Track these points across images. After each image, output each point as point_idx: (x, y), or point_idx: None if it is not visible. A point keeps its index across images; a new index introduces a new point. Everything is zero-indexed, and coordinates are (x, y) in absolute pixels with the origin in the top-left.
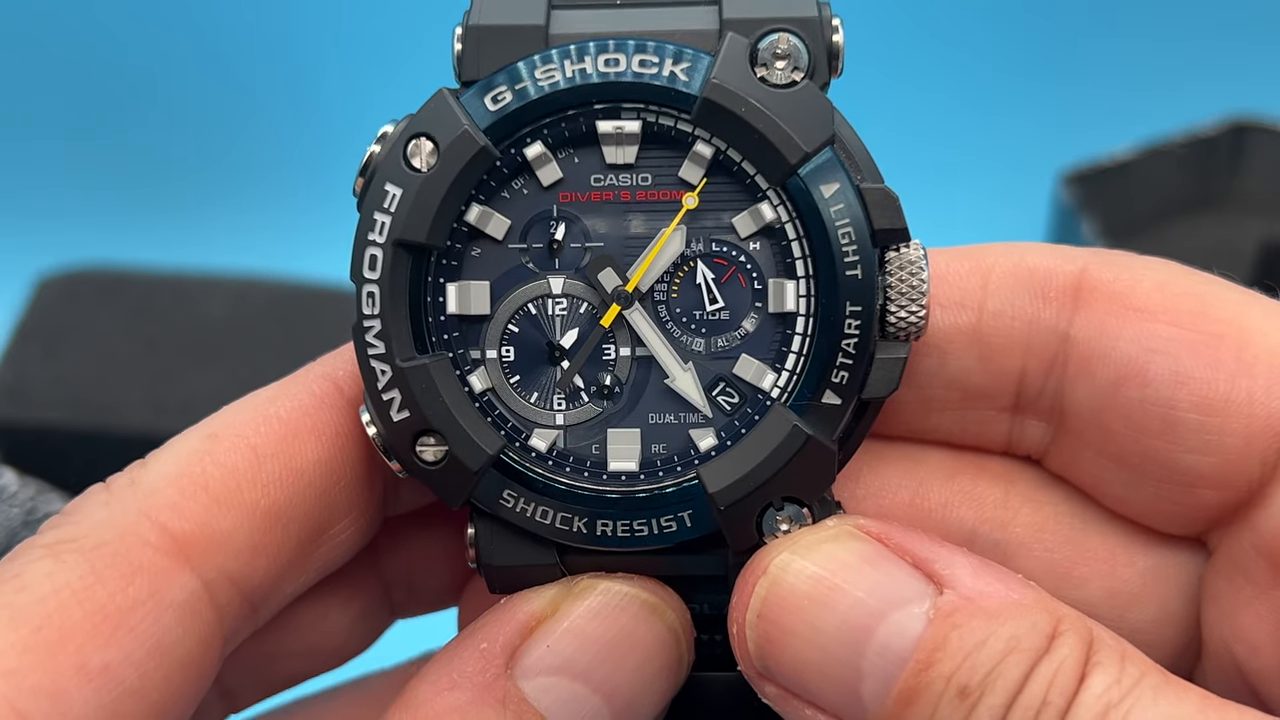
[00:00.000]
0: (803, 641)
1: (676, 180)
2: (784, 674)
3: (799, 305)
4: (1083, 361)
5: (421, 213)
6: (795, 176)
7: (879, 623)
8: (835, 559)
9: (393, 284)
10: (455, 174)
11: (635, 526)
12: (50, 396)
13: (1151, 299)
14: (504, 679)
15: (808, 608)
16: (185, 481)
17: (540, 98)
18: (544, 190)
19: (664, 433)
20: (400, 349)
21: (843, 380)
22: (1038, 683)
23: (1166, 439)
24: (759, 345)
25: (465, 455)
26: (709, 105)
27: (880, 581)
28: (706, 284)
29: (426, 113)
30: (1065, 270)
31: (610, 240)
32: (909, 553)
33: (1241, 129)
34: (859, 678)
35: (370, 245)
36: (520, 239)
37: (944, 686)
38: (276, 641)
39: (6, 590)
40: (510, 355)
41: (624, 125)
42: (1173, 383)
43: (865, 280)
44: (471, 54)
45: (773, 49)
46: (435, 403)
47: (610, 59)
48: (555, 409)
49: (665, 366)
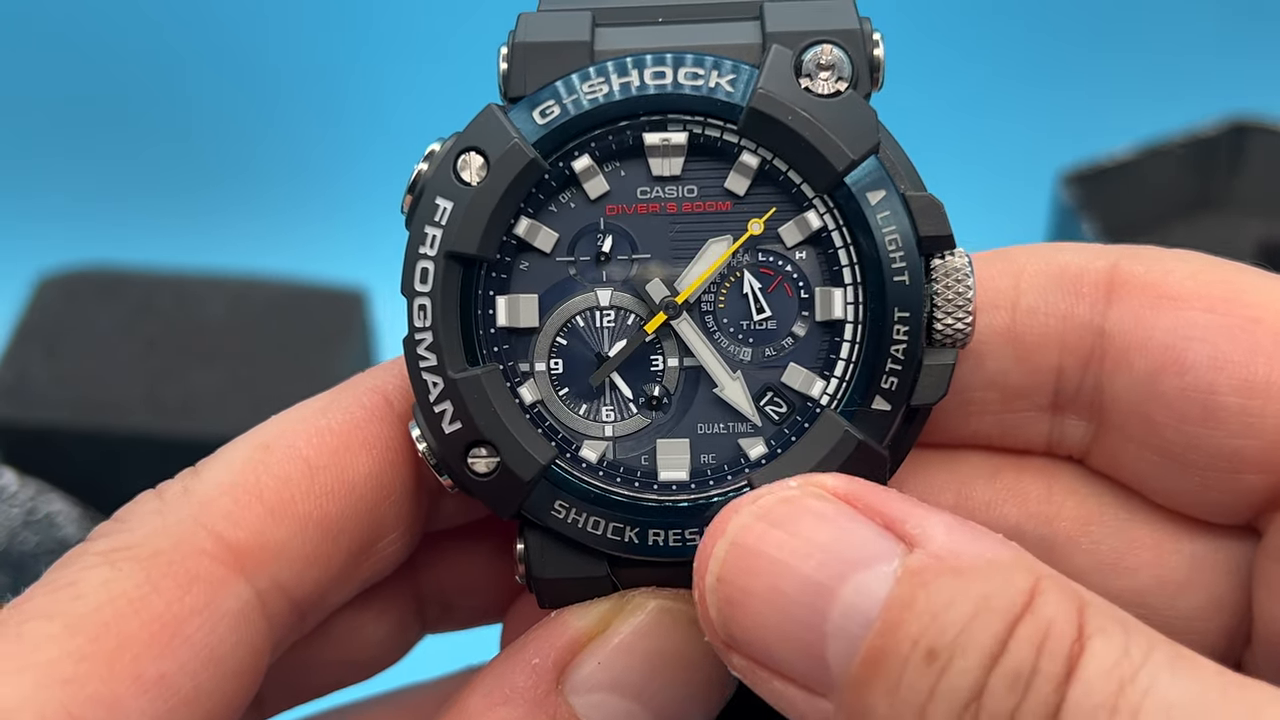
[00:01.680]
0: (764, 604)
1: (723, 191)
2: (748, 640)
3: (846, 313)
4: (1120, 354)
5: (473, 225)
6: (842, 184)
7: (842, 584)
8: (796, 518)
9: (444, 296)
10: (505, 186)
11: (687, 536)
12: (50, 396)
13: (1185, 287)
14: (555, 695)
15: (767, 569)
16: (240, 491)
17: (587, 111)
18: (591, 203)
19: (713, 443)
20: (452, 361)
21: (892, 386)
22: (1021, 647)
23: (1209, 425)
24: (807, 354)
25: (517, 465)
26: (755, 114)
27: (844, 540)
28: (753, 293)
29: (475, 127)
30: (1096, 266)
31: (657, 252)
32: (878, 513)
33: (1241, 129)
34: (823, 641)
35: (421, 259)
36: (568, 252)
37: (910, 650)
38: (311, 651)
39: (62, 598)
40: (559, 368)
41: (670, 137)
42: (1211, 368)
43: (913, 287)
44: (519, 71)
45: (816, 60)
46: (487, 413)
47: (656, 72)
48: (604, 420)
49: (714, 375)
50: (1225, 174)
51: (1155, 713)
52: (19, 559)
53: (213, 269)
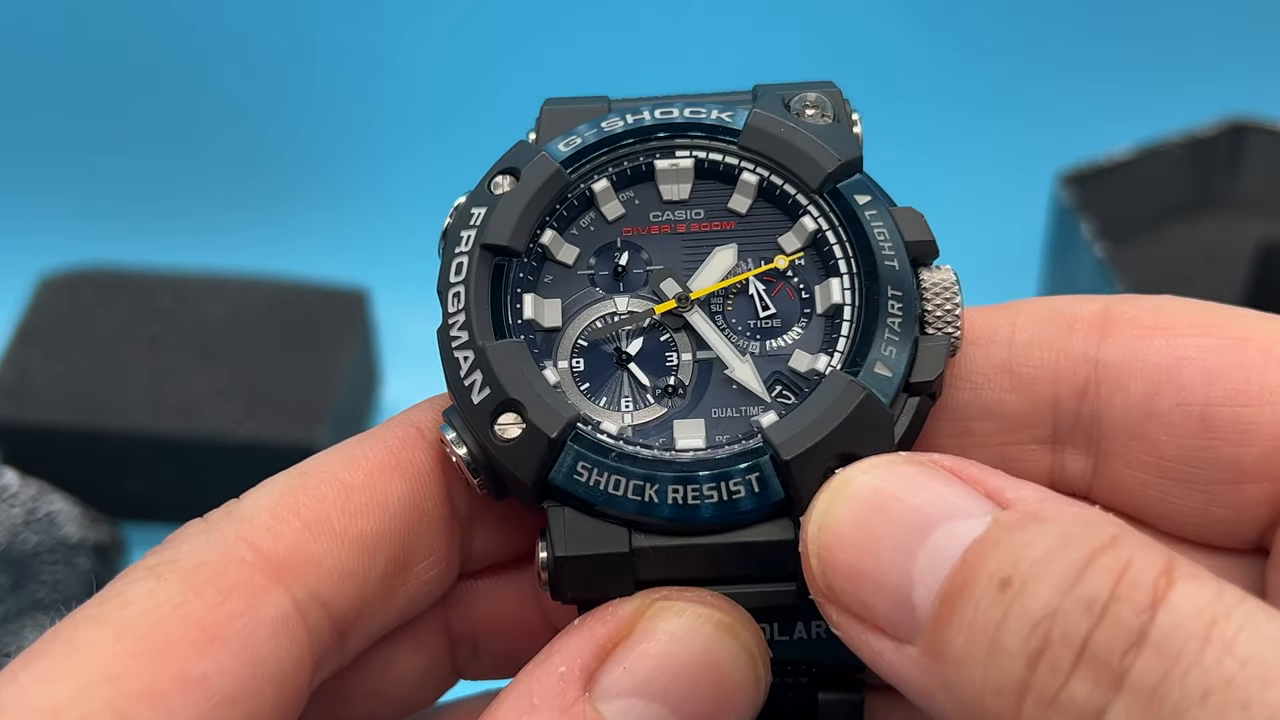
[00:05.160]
0: (858, 550)
1: (726, 211)
2: (843, 588)
3: (844, 296)
4: (1115, 380)
5: (504, 220)
6: (834, 186)
7: (933, 530)
8: (897, 474)
9: (478, 283)
10: (534, 189)
11: (705, 492)
12: (50, 396)
13: (1175, 319)
14: (582, 702)
15: (864, 515)
16: (279, 509)
17: (606, 135)
18: (609, 224)
19: (727, 425)
20: (483, 334)
21: (891, 354)
22: (1099, 574)
23: (1205, 437)
24: (811, 343)
25: (544, 422)
26: (754, 130)
27: (940, 494)
28: (758, 294)
29: (508, 155)
30: (1089, 308)
31: (670, 264)
32: (978, 481)
33: (1240, 129)
34: (910, 585)
35: (457, 257)
36: (588, 265)
37: (986, 582)
38: (348, 682)
39: (110, 607)
40: (580, 366)
41: (678, 162)
42: (1204, 382)
43: (903, 272)
44: (547, 126)
45: (803, 101)
46: (515, 376)
47: (665, 110)
48: (623, 410)
49: (724, 359)
50: (1224, 174)
51: (1251, 644)
52: (20, 559)
53: (213, 269)
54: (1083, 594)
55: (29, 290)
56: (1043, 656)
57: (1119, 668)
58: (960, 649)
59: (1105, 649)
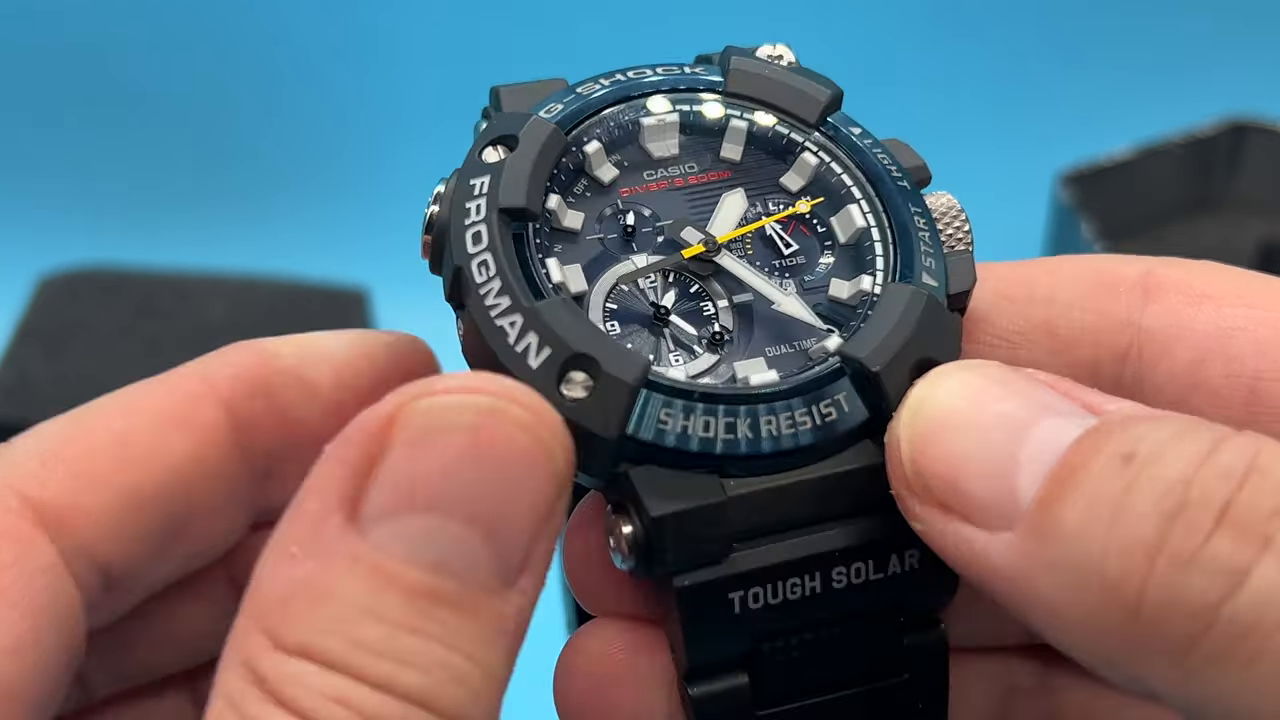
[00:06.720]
0: (958, 435)
1: (720, 160)
2: (935, 474)
3: (867, 220)
4: (1160, 346)
5: (514, 182)
6: (827, 120)
7: (1040, 420)
8: (997, 373)
9: (504, 247)
10: (536, 151)
11: (798, 419)
12: (50, 396)
13: (1222, 288)
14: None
15: (965, 406)
16: (48, 456)
17: (589, 99)
18: (605, 188)
19: (787, 361)
20: (525, 295)
21: (931, 265)
22: (1232, 452)
23: (1252, 409)
24: (845, 270)
25: (620, 369)
26: (740, 74)
27: (1040, 392)
28: (776, 233)
29: (489, 129)
30: (1131, 270)
31: (677, 217)
32: (1078, 398)
33: (1240, 129)
34: (1015, 469)
35: (470, 228)
36: (594, 230)
37: (1106, 459)
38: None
39: None
40: (615, 328)
41: (664, 117)
42: (1256, 354)
43: (914, 192)
44: (508, 106)
45: (768, 53)
46: (576, 328)
47: (638, 71)
48: (674, 365)
49: (767, 295)
50: (1224, 174)
51: None
52: None
53: (213, 269)
54: (1219, 465)
55: (29, 290)
56: (1179, 517)
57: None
58: (1076, 521)
59: (1249, 510)
